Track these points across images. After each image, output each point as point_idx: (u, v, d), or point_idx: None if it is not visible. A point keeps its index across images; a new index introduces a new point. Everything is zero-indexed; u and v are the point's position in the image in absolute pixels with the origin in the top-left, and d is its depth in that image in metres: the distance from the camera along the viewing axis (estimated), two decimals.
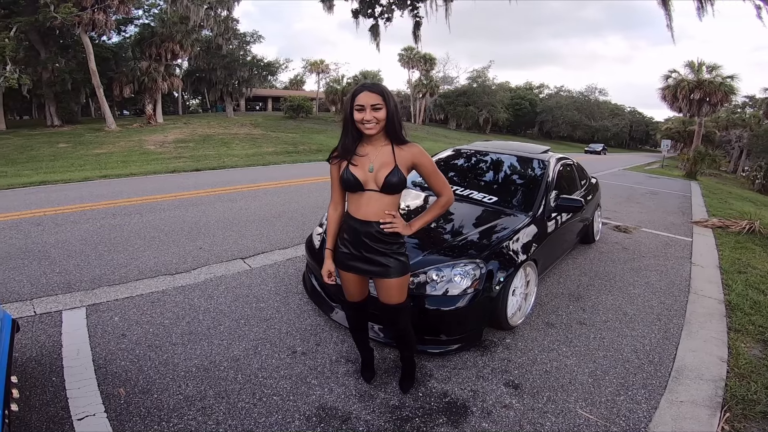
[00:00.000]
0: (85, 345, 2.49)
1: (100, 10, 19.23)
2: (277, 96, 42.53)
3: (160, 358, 2.38)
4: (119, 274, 3.53)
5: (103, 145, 17.46)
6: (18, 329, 1.96)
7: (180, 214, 5.54)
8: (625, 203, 8.78)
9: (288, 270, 3.77)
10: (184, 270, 3.68)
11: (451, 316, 2.43)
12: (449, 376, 2.37)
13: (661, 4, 7.25)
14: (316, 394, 2.15)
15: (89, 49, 19.86)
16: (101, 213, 5.48)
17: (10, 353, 1.67)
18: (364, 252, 1.90)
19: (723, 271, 4.61)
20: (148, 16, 25.49)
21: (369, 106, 1.73)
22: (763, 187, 20.29)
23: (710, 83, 24.75)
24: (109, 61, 23.66)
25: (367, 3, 8.08)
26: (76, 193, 6.85)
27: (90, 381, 2.16)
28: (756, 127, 34.70)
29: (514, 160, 4.14)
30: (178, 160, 14.06)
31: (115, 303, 3.04)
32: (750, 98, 36.80)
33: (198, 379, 2.21)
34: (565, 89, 54.33)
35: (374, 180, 1.82)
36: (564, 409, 2.17)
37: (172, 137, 19.29)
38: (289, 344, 2.57)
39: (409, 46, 37.62)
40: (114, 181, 8.63)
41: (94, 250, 4.09)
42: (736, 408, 2.23)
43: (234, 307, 3.02)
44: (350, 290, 2.04)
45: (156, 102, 24.74)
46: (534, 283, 3.15)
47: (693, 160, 18.50)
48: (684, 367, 2.62)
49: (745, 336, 3.09)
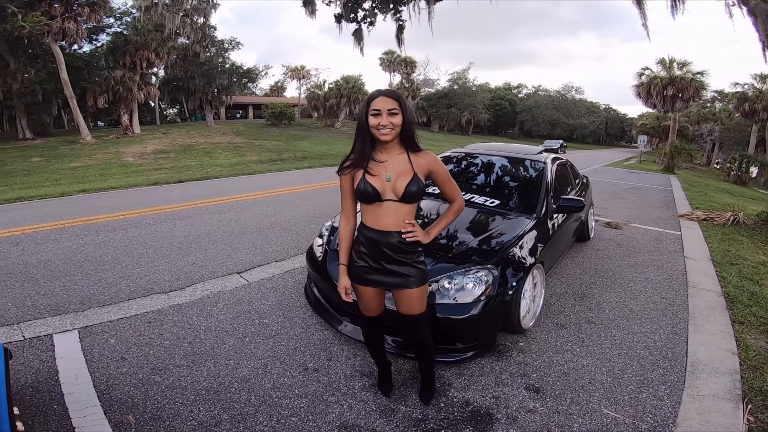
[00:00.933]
0: (83, 370, 2.35)
1: (70, 19, 18.65)
2: (258, 103, 42.01)
3: (166, 382, 2.25)
4: (109, 294, 3.36)
5: (78, 157, 16.89)
6: (11, 357, 1.82)
7: (167, 228, 5.34)
8: (612, 199, 8.94)
9: (287, 283, 3.66)
10: (178, 287, 3.52)
11: (466, 323, 2.37)
12: (468, 383, 2.31)
13: (636, 3, 7.45)
14: (335, 412, 2.06)
15: (60, 58, 19.24)
16: (83, 229, 5.23)
17: (8, 384, 1.53)
18: (384, 264, 1.84)
19: (716, 264, 4.70)
20: (120, 24, 24.84)
21: (386, 110, 1.68)
22: (738, 178, 21.04)
23: (682, 79, 25.60)
24: (81, 71, 22.95)
25: (350, 7, 8.04)
26: (55, 209, 6.55)
27: (95, 408, 2.03)
28: (727, 120, 36.07)
29: (511, 162, 4.13)
30: (159, 172, 13.69)
31: (109, 324, 2.88)
32: (719, 93, 38.22)
33: (210, 403, 2.09)
34: (542, 89, 55.53)
35: (392, 189, 1.76)
36: (589, 409, 2.14)
37: (151, 148, 18.81)
38: (300, 361, 2.47)
39: (390, 50, 37.78)
40: (93, 195, 8.31)
41: (79, 269, 3.89)
42: (756, 400, 2.25)
43: (236, 325, 2.89)
44: (368, 305, 1.96)
45: (132, 112, 24.09)
46: (541, 285, 3.12)
47: (670, 154, 19.10)
48: (698, 362, 2.63)
49: (749, 328, 3.13)
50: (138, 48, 22.43)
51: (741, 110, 29.18)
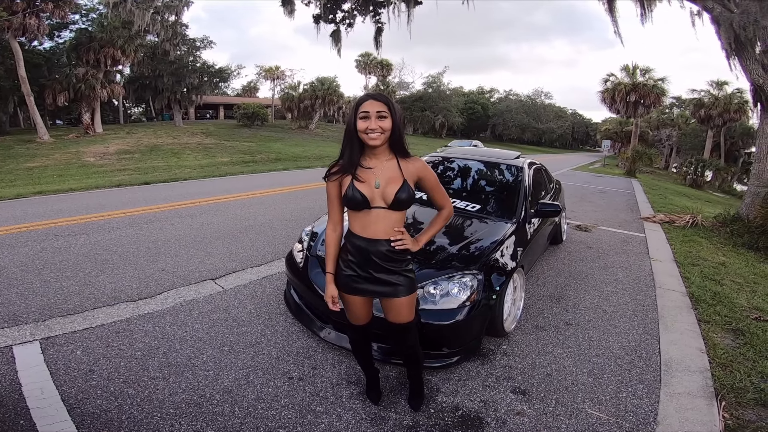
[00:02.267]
0: (49, 383, 2.19)
1: (33, 15, 17.63)
2: (230, 103, 40.98)
3: (141, 395, 2.12)
4: (72, 303, 3.15)
5: (35, 157, 15.91)
6: None
7: (133, 232, 5.09)
8: (580, 202, 9.26)
9: (266, 289, 3.55)
10: (147, 295, 3.35)
11: (452, 328, 2.37)
12: (456, 388, 2.31)
13: (608, 11, 7.79)
14: (324, 422, 2.00)
15: (19, 54, 18.17)
16: (41, 234, 4.90)
17: None
18: (373, 272, 1.80)
19: (679, 265, 4.94)
20: (85, 21, 23.67)
21: (374, 113, 1.65)
22: (694, 182, 22.32)
23: (644, 86, 26.91)
24: (40, 68, 21.74)
25: (329, 8, 7.97)
26: (9, 213, 6.11)
27: (65, 423, 1.90)
28: (684, 126, 38.19)
29: (490, 167, 4.19)
30: (123, 173, 13.07)
31: (74, 335, 2.70)
32: (677, 99, 40.39)
33: (191, 416, 1.98)
34: (513, 93, 56.91)
35: (382, 196, 1.73)
36: (574, 410, 2.18)
37: (114, 148, 17.97)
38: (283, 370, 2.39)
39: (366, 52, 37.87)
40: (51, 197, 7.80)
41: (38, 276, 3.64)
42: (729, 396, 2.36)
43: (213, 334, 2.77)
44: (356, 313, 1.92)
45: (94, 110, 22.96)
46: (522, 288, 3.17)
47: (632, 158, 20.00)
48: (671, 360, 2.74)
49: (714, 327, 3.30)
50: (103, 45, 21.49)
51: (697, 116, 30.89)
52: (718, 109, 29.00)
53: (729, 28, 5.87)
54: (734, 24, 5.75)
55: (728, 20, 5.93)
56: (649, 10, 7.17)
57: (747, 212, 6.97)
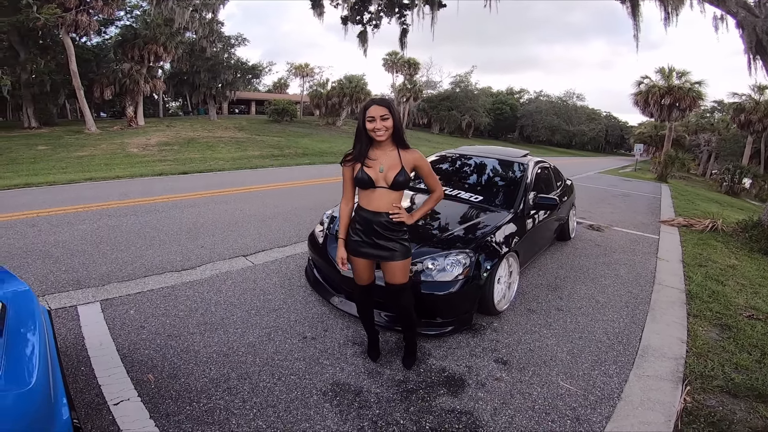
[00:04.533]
0: (107, 336, 2.66)
1: (84, 12, 18.92)
2: (261, 99, 42.23)
3: (181, 346, 2.58)
4: (126, 272, 3.69)
5: (84, 147, 17.16)
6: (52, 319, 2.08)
7: (176, 215, 5.68)
8: (599, 204, 9.30)
9: (289, 266, 4.01)
10: (189, 267, 3.86)
11: (445, 300, 2.73)
12: (446, 354, 2.66)
13: (631, 15, 7.81)
14: (329, 372, 2.40)
15: (71, 50, 19.48)
16: (96, 214, 5.55)
17: (57, 349, 1.70)
18: (375, 239, 2.22)
19: (685, 265, 5.05)
20: (130, 18, 25.11)
21: (378, 116, 2.08)
22: (730, 189, 21.45)
23: (679, 89, 25.94)
24: (89, 63, 23.19)
25: (357, 10, 8.37)
26: (65, 195, 6.86)
27: (118, 369, 2.34)
28: (724, 131, 36.48)
29: (496, 163, 4.49)
30: (163, 163, 13.99)
31: (128, 298, 3.21)
32: (719, 103, 38.59)
33: (219, 364, 2.43)
34: (544, 94, 55.78)
35: (384, 179, 2.16)
36: (547, 381, 2.49)
37: (155, 140, 19.09)
38: (299, 331, 2.82)
39: (393, 51, 38.09)
40: (100, 183, 8.60)
41: (96, 249, 4.22)
42: (695, 382, 2.58)
43: (243, 300, 3.24)
44: (360, 274, 2.34)
45: (137, 104, 24.34)
46: (516, 273, 3.48)
47: (664, 163, 19.46)
48: (649, 347, 2.98)
49: (703, 321, 3.48)
50: (147, 42, 22.65)
51: (737, 121, 29.54)
52: (759, 114, 27.66)
53: (752, 32, 5.86)
54: (757, 28, 5.75)
55: (752, 24, 5.92)
56: (675, 14, 7.18)
57: (767, 218, 6.90)
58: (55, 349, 1.66)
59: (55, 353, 1.64)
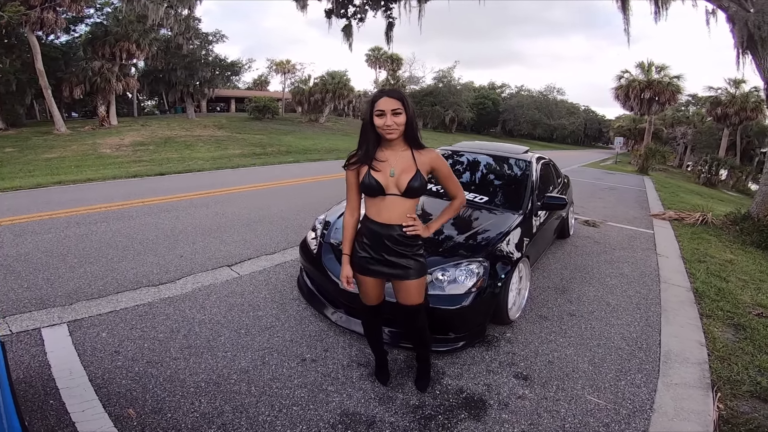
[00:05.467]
0: (77, 364, 2.33)
1: (50, 9, 17.95)
2: (241, 97, 41.26)
3: (164, 375, 2.26)
4: (96, 288, 3.31)
5: (53, 149, 16.29)
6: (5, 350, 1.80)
7: (151, 221, 5.27)
8: (589, 198, 9.26)
9: (279, 276, 3.69)
10: (168, 280, 3.51)
11: (458, 314, 2.48)
12: (461, 372, 2.42)
13: (621, 9, 7.73)
14: (335, 400, 2.13)
15: (36, 48, 18.50)
16: (63, 222, 5.10)
17: (10, 380, 1.51)
18: (385, 255, 1.92)
19: (686, 261, 4.97)
20: (100, 15, 23.98)
21: (389, 111, 1.75)
22: (708, 180, 22.00)
23: (659, 83, 26.47)
24: (57, 61, 22.04)
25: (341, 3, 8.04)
26: (30, 201, 6.34)
27: (93, 402, 2.03)
28: (699, 124, 37.45)
29: (499, 161, 4.27)
30: (138, 164, 13.34)
31: (99, 318, 2.86)
32: (693, 96, 39.55)
33: (210, 395, 2.12)
34: (525, 89, 56.16)
35: (396, 184, 1.84)
36: (574, 396, 2.28)
37: (129, 140, 18.30)
38: (297, 352, 2.53)
39: (376, 46, 37.74)
40: (70, 187, 8.03)
41: (63, 262, 3.81)
42: (725, 388, 2.43)
43: (230, 317, 2.92)
44: (369, 294, 2.04)
45: (109, 103, 23.30)
46: (527, 278, 3.27)
47: (644, 156, 19.78)
48: (670, 352, 2.81)
49: (716, 321, 3.36)
50: (118, 39, 21.72)
51: (713, 114, 30.28)
52: (735, 108, 28.41)
53: (743, 26, 5.82)
54: (749, 23, 5.71)
55: (743, 19, 5.89)
56: (664, 8, 7.12)
57: (757, 211, 6.93)
58: (6, 382, 1.42)
59: (7, 386, 1.40)
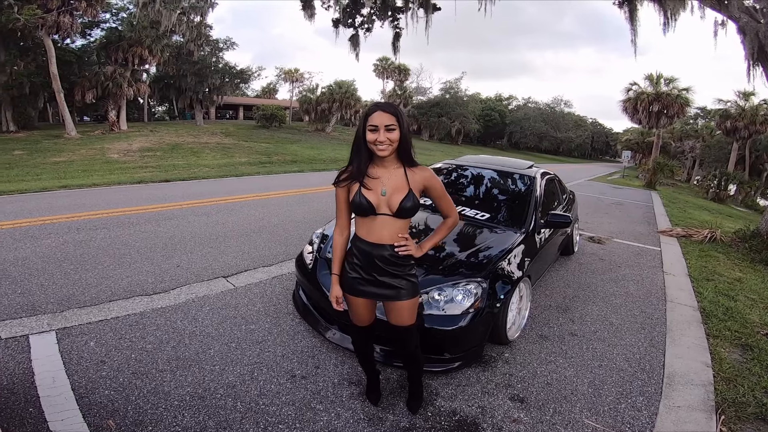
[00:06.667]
0: (61, 372, 2.29)
1: (66, 13, 18.35)
2: (249, 104, 41.73)
3: (148, 387, 2.21)
4: (90, 295, 3.29)
5: (62, 152, 16.50)
6: None
7: (151, 228, 5.26)
8: (595, 214, 9.13)
9: (275, 289, 3.64)
10: (162, 290, 3.47)
11: (454, 334, 2.40)
12: (455, 393, 2.34)
13: (629, 20, 7.69)
14: (323, 420, 2.05)
15: (51, 52, 18.85)
16: (63, 227, 5.11)
17: None
18: (376, 275, 1.85)
19: (693, 279, 4.84)
20: (115, 20, 24.48)
21: (383, 126, 1.68)
22: (716, 195, 21.69)
23: (668, 95, 26.10)
24: (71, 65, 22.46)
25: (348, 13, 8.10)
26: (34, 205, 6.38)
27: (73, 412, 1.99)
28: (708, 137, 37.06)
29: (502, 176, 4.19)
30: (144, 170, 13.46)
31: (89, 326, 2.82)
32: (702, 109, 39.18)
33: (194, 409, 2.06)
34: (532, 101, 56.23)
35: (387, 204, 1.78)
36: (571, 419, 2.19)
37: (137, 145, 18.50)
38: (287, 368, 2.46)
39: (384, 57, 38.01)
40: (75, 192, 8.11)
41: (58, 268, 3.80)
42: (729, 411, 2.33)
43: (222, 330, 2.86)
44: (360, 315, 1.97)
45: (120, 108, 23.66)
46: (527, 298, 3.18)
47: (653, 170, 19.56)
48: (674, 374, 2.71)
49: (723, 341, 3.24)
50: (131, 44, 22.11)
51: (723, 127, 29.88)
52: (745, 121, 28.06)
53: (754, 37, 5.76)
54: (760, 34, 5.64)
55: (754, 30, 5.82)
56: (673, 19, 7.07)
57: (766, 228, 6.78)
58: None
59: None
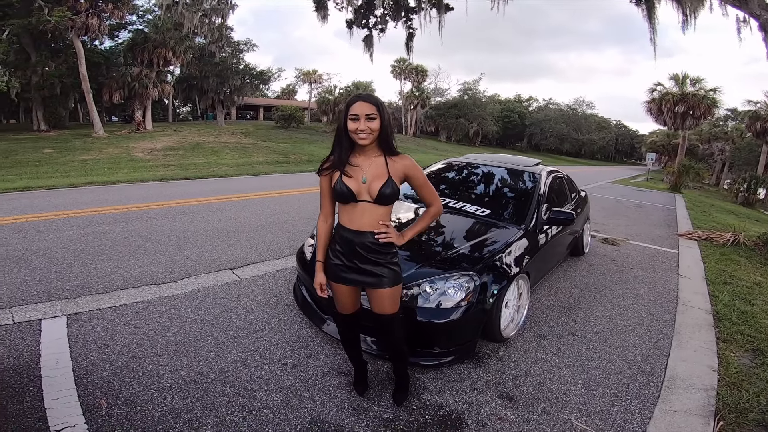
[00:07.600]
0: (65, 355, 2.41)
1: (95, 15, 19.15)
2: (269, 105, 42.49)
3: (144, 370, 2.30)
4: (102, 284, 3.43)
5: (90, 151, 17.18)
6: None
7: (167, 222, 5.44)
8: (612, 216, 8.89)
9: (278, 281, 3.71)
10: (170, 280, 3.59)
11: (445, 328, 2.40)
12: (443, 388, 2.33)
13: (647, 18, 7.48)
14: (307, 407, 2.09)
15: (81, 53, 19.69)
16: (86, 220, 5.35)
17: None
18: (358, 263, 1.88)
19: (709, 283, 4.67)
20: (141, 22, 25.38)
21: (363, 115, 1.72)
22: (746, 199, 20.73)
23: (694, 96, 25.19)
24: (99, 66, 23.42)
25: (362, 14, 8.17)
26: (61, 200, 6.69)
27: (70, 392, 2.08)
28: (738, 140, 35.51)
29: (506, 173, 4.16)
30: (167, 168, 13.88)
31: (98, 312, 2.95)
32: (732, 111, 37.60)
33: (184, 391, 2.14)
34: (553, 102, 55.08)
35: (368, 191, 1.81)
36: (559, 420, 2.15)
37: (160, 145, 19.08)
38: (280, 356, 2.51)
39: (401, 58, 38.01)
40: (100, 188, 8.45)
41: (76, 258, 3.98)
42: (729, 417, 2.25)
43: (222, 318, 2.94)
44: (343, 302, 2.00)
45: (146, 108, 24.49)
46: (526, 296, 3.14)
47: (677, 173, 18.91)
48: (676, 377, 2.62)
49: (734, 345, 3.12)
50: (156, 46, 22.84)
51: (752, 129, 28.65)
52: None
53: None
54: None
55: None
56: (693, 17, 6.83)
57: None
58: None
59: None
